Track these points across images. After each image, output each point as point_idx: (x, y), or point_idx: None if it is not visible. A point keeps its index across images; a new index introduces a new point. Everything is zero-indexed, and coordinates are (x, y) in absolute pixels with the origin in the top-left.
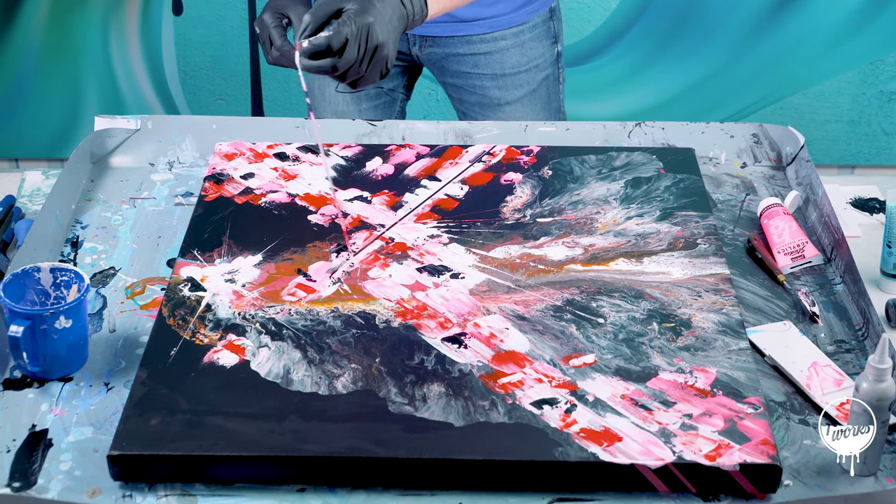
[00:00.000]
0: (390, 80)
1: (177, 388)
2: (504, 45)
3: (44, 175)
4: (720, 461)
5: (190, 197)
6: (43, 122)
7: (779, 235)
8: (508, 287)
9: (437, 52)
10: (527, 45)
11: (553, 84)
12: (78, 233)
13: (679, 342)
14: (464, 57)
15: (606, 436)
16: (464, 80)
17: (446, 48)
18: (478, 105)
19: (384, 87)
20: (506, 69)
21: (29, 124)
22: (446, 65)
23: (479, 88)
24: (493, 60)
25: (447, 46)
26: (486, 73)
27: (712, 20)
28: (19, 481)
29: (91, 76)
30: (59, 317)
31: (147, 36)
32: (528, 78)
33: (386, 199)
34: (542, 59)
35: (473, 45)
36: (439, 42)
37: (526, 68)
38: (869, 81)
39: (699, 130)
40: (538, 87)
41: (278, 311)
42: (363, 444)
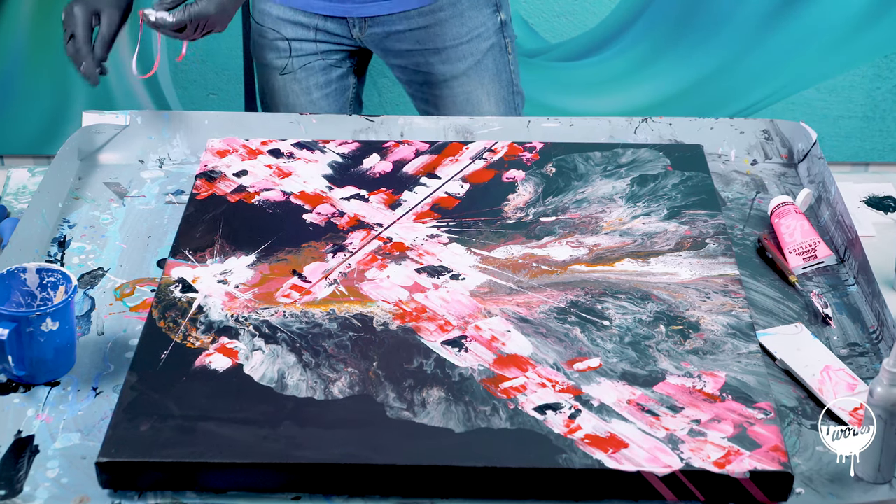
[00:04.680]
0: (340, 65)
1: (167, 392)
2: (442, 17)
3: (30, 172)
4: (729, 468)
5: (181, 195)
6: (29, 117)
7: (790, 235)
8: (510, 288)
9: (378, 32)
10: (466, 15)
11: (500, 54)
12: (65, 232)
13: (687, 345)
14: (403, 34)
15: (612, 442)
16: (407, 59)
17: (385, 26)
18: (426, 84)
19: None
20: (447, 41)
21: (14, 120)
22: (388, 45)
23: (423, 65)
24: (434, 34)
25: (386, 25)
26: (427, 48)
27: (721, 12)
28: (4, 489)
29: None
30: (46, 319)
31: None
32: (470, 48)
33: (384, 198)
34: (484, 28)
35: (412, 19)
36: (378, 21)
37: (468, 38)
38: (883, 76)
39: (708, 126)
40: (483, 58)
41: (272, 313)
42: (360, 451)
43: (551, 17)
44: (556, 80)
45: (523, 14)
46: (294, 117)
